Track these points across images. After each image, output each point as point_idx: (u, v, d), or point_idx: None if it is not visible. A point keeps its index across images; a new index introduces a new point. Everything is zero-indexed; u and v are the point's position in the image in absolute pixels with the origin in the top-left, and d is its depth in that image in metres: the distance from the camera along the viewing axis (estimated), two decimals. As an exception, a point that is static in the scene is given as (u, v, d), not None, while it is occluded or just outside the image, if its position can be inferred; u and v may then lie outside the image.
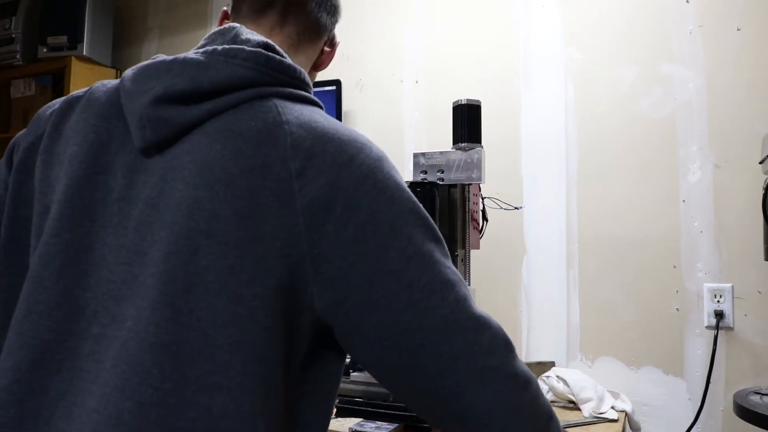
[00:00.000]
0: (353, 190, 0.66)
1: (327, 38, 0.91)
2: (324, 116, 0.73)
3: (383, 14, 2.25)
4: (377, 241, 0.65)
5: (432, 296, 0.67)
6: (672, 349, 1.75)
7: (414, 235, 0.69)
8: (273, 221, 0.63)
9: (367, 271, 0.65)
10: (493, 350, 0.71)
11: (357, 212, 0.65)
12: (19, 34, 2.66)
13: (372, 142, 0.75)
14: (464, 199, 1.44)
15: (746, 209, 1.67)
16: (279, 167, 0.64)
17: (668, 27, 1.81)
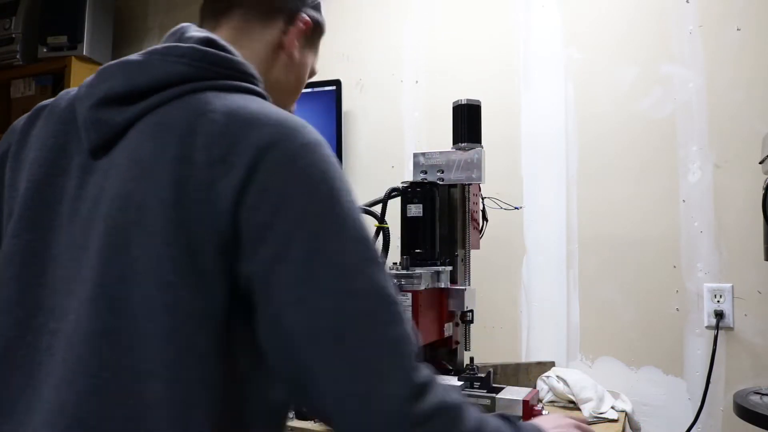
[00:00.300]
0: (270, 175, 0.66)
1: (286, 19, 0.90)
2: (259, 104, 0.72)
3: (383, 14, 2.25)
4: (285, 228, 0.64)
5: (326, 299, 0.64)
6: (672, 349, 1.75)
7: (325, 230, 0.66)
8: (197, 208, 0.65)
9: (271, 259, 0.64)
10: (401, 381, 0.66)
11: (269, 197, 0.65)
12: (19, 34, 2.66)
13: (306, 129, 0.71)
14: (464, 199, 1.44)
15: (746, 209, 1.67)
16: (202, 155, 0.66)
17: (668, 27, 1.81)
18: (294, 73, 0.94)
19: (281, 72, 0.91)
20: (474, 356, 1.30)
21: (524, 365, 1.82)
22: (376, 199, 1.39)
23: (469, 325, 1.42)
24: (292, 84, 0.94)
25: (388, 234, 1.35)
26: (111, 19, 2.69)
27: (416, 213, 1.36)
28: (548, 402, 1.67)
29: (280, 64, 0.91)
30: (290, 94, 0.96)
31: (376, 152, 2.22)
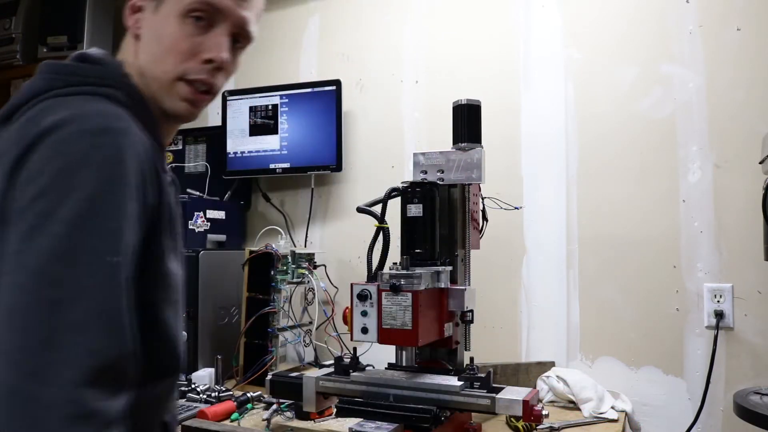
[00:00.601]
0: (39, 156, 0.70)
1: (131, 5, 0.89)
2: (76, 102, 0.77)
3: (383, 14, 2.25)
4: (30, 205, 0.68)
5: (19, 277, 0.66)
6: (672, 349, 1.75)
7: (55, 216, 0.67)
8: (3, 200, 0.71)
9: (16, 231, 0.68)
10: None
11: (30, 175, 0.70)
12: (19, 34, 2.66)
13: (89, 118, 0.73)
14: (464, 199, 1.43)
15: (746, 209, 1.67)
16: (15, 151, 0.72)
17: (668, 27, 1.81)
18: (155, 40, 0.86)
19: (142, 52, 0.87)
20: (474, 356, 1.30)
21: (524, 365, 1.82)
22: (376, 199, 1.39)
23: (469, 325, 1.42)
24: (161, 50, 0.86)
25: (388, 234, 1.34)
26: (111, 19, 2.69)
27: (416, 213, 1.35)
28: (548, 402, 1.67)
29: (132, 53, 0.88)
30: (166, 60, 0.86)
31: (376, 152, 2.22)
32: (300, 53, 2.39)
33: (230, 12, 0.87)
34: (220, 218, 2.24)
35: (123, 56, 0.88)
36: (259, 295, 1.86)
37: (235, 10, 0.87)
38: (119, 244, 0.70)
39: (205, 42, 0.86)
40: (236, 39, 0.90)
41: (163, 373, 0.83)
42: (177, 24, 0.85)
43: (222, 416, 1.51)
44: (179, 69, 0.85)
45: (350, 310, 1.26)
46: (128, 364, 0.70)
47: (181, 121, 0.95)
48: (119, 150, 0.72)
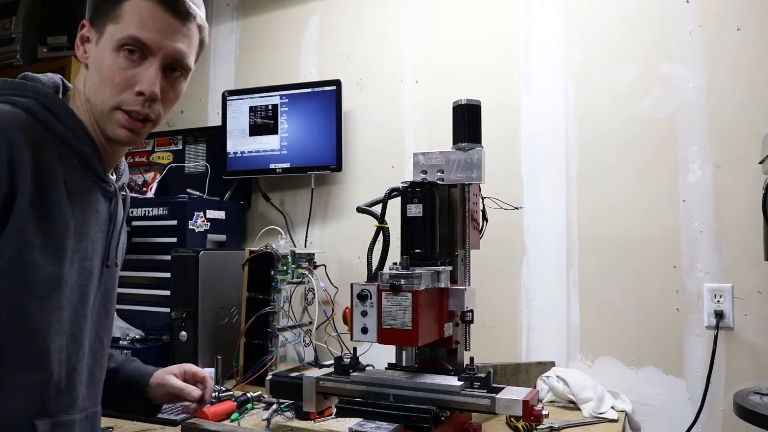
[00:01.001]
0: None
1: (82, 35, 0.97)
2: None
3: (383, 14, 2.25)
4: None
5: None
6: (672, 349, 1.75)
7: None
8: None
9: None
10: None
11: None
12: (19, 34, 2.66)
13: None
14: (464, 199, 1.43)
15: (746, 209, 1.67)
16: None
17: (668, 27, 1.81)
18: (95, 70, 0.93)
19: (87, 80, 0.94)
20: (474, 356, 1.30)
21: (524, 365, 1.82)
22: (376, 199, 1.39)
23: (469, 325, 1.42)
24: (96, 82, 0.92)
25: (388, 234, 1.34)
26: (111, 19, 2.68)
27: (416, 213, 1.35)
28: (548, 402, 1.67)
29: (84, 77, 0.95)
30: (99, 91, 0.92)
31: (376, 152, 2.22)
32: (300, 53, 2.39)
33: (159, 46, 0.92)
34: (220, 218, 2.24)
35: (76, 84, 0.96)
36: (259, 295, 1.86)
37: (164, 45, 0.92)
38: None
39: (138, 74, 0.91)
40: (173, 68, 0.95)
41: (20, 366, 0.85)
42: (112, 57, 0.91)
43: (222, 416, 1.51)
44: (115, 100, 0.92)
45: (350, 310, 1.26)
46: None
47: (123, 146, 1.00)
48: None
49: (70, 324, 0.91)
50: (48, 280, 0.86)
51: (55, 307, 0.88)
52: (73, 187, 0.91)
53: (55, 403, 0.90)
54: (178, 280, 1.92)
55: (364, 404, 1.25)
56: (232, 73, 2.54)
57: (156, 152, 2.60)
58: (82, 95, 0.95)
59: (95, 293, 0.97)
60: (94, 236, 0.96)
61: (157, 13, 0.91)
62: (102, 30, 0.92)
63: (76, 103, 0.96)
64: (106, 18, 0.92)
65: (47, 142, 0.88)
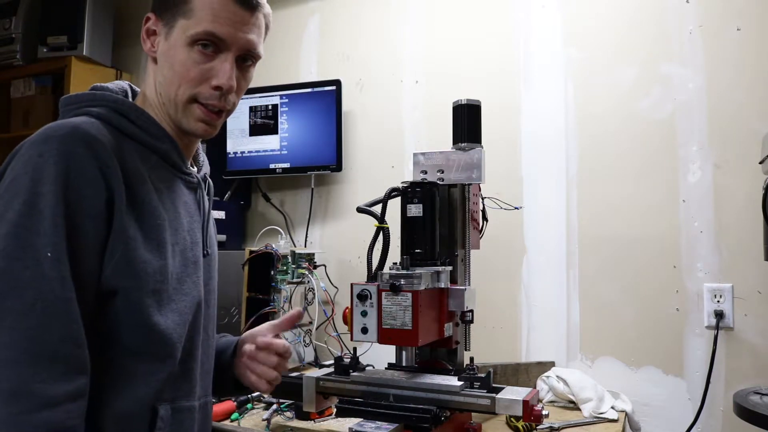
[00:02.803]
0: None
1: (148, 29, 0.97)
2: (56, 124, 0.85)
3: (383, 14, 2.25)
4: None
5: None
6: (672, 349, 1.75)
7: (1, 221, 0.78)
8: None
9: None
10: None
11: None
12: (19, 34, 2.66)
13: (43, 132, 0.83)
14: (464, 199, 1.43)
15: (746, 209, 1.67)
16: None
17: (668, 27, 1.81)
18: (167, 66, 0.93)
19: (158, 75, 0.95)
20: (474, 356, 1.30)
21: (524, 365, 1.82)
22: (376, 199, 1.39)
23: (469, 325, 1.42)
24: (168, 76, 0.93)
25: (388, 234, 1.34)
26: (111, 19, 2.69)
27: (416, 213, 1.35)
28: (548, 402, 1.67)
29: (153, 70, 0.96)
30: (172, 85, 0.93)
31: (376, 152, 2.22)
32: (300, 53, 2.39)
33: (233, 39, 0.92)
34: (220, 218, 2.24)
35: (146, 78, 0.98)
36: (259, 295, 1.86)
37: (238, 37, 0.93)
38: (55, 241, 0.78)
39: (213, 68, 0.92)
40: (244, 59, 0.97)
41: (139, 355, 0.87)
42: (186, 52, 0.91)
43: (222, 416, 1.51)
44: (191, 93, 0.93)
45: (350, 310, 1.26)
46: (71, 349, 0.77)
47: (199, 138, 1.01)
48: (53, 156, 0.80)
49: (182, 314, 0.93)
50: (156, 273, 0.88)
51: (166, 299, 0.90)
52: (158, 183, 0.93)
53: (175, 389, 0.93)
54: (178, 280, 1.92)
55: (364, 404, 1.25)
56: (232, 73, 2.54)
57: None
58: (153, 90, 0.96)
59: (200, 282, 0.99)
60: (189, 227, 0.98)
61: (229, 6, 0.91)
62: (172, 24, 0.92)
63: (147, 102, 0.97)
64: (176, 12, 0.92)
65: (126, 145, 0.90)
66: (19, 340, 0.73)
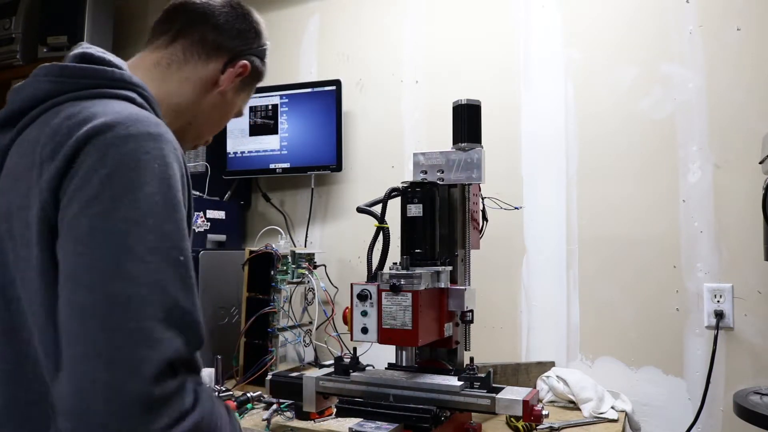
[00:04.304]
0: (86, 161, 0.71)
1: (228, 59, 1.00)
2: (107, 105, 0.77)
3: (383, 14, 2.25)
4: (80, 209, 0.69)
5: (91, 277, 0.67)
6: (672, 349, 1.75)
7: (114, 215, 0.68)
8: (36, 204, 0.72)
9: (62, 238, 0.70)
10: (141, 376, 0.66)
11: (78, 181, 0.70)
12: (19, 34, 2.66)
13: (136, 121, 0.74)
14: (464, 199, 1.44)
15: (746, 209, 1.67)
16: (39, 156, 0.74)
17: (668, 27, 1.81)
18: (220, 110, 1.02)
19: (209, 105, 0.99)
20: (474, 356, 1.30)
21: (524, 365, 1.82)
22: (376, 199, 1.39)
23: (469, 325, 1.42)
24: (216, 118, 1.02)
25: (388, 234, 1.34)
26: (111, 19, 2.69)
27: (416, 213, 1.35)
28: (548, 402, 1.67)
29: (210, 99, 0.99)
30: (211, 127, 1.04)
31: (376, 152, 2.22)
32: (300, 53, 2.39)
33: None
34: (220, 218, 2.24)
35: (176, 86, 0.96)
36: (259, 295, 1.86)
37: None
38: (182, 242, 0.72)
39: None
40: None
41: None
42: (227, 114, 1.05)
43: (222, 416, 1.50)
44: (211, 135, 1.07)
45: (350, 310, 1.26)
46: (198, 356, 0.74)
47: None
48: (165, 154, 0.74)
49: None
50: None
51: None
52: None
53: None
54: (178, 280, 1.92)
55: (364, 404, 1.25)
56: (232, 73, 2.54)
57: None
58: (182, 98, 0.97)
59: None
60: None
61: None
62: (243, 88, 1.05)
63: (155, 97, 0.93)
64: (250, 85, 1.08)
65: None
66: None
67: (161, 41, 0.97)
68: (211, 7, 0.99)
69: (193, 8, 0.98)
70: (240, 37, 1.01)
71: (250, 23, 1.04)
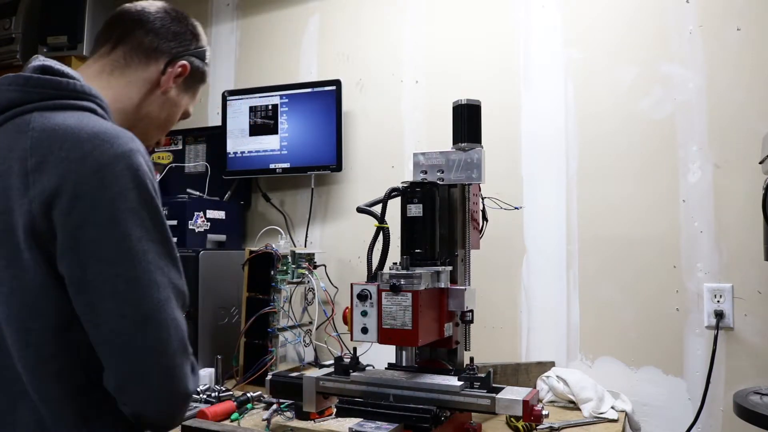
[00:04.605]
0: (81, 182, 0.79)
1: (167, 61, 1.05)
2: (80, 118, 0.85)
3: (383, 14, 2.25)
4: (94, 230, 0.79)
5: (136, 291, 0.80)
6: (672, 349, 1.75)
7: (132, 231, 0.80)
8: (17, 211, 0.79)
9: (82, 256, 0.79)
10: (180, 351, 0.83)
11: (81, 202, 0.78)
12: (19, 34, 2.65)
13: (119, 140, 0.83)
14: (464, 199, 1.43)
15: (746, 209, 1.67)
16: (19, 166, 0.80)
17: (668, 27, 1.81)
18: (166, 110, 1.08)
19: (154, 107, 1.05)
20: (474, 356, 1.30)
21: (524, 365, 1.82)
22: (376, 199, 1.39)
23: (469, 325, 1.42)
24: (162, 119, 1.08)
25: (388, 234, 1.34)
26: (111, 19, 2.68)
27: (416, 213, 1.35)
28: (548, 402, 1.67)
29: (154, 100, 1.05)
30: (159, 128, 1.09)
31: (376, 152, 2.22)
32: (300, 53, 2.39)
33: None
34: (220, 218, 2.24)
35: (121, 89, 1.02)
36: (259, 295, 1.86)
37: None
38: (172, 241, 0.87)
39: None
40: None
41: None
42: (176, 114, 1.11)
43: (222, 416, 1.51)
44: (162, 135, 1.12)
45: (350, 310, 1.26)
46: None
47: None
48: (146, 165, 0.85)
49: None
50: None
51: None
52: None
53: None
54: (178, 280, 1.92)
55: (364, 404, 1.25)
56: (232, 73, 2.54)
57: (156, 152, 2.60)
58: (132, 101, 1.02)
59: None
60: None
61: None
62: (188, 90, 1.11)
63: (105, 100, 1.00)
64: (194, 87, 1.13)
65: None
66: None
67: (103, 50, 1.04)
68: (146, 14, 1.05)
69: (129, 16, 1.06)
70: (176, 39, 1.06)
71: (186, 26, 1.09)
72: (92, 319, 0.80)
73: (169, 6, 1.09)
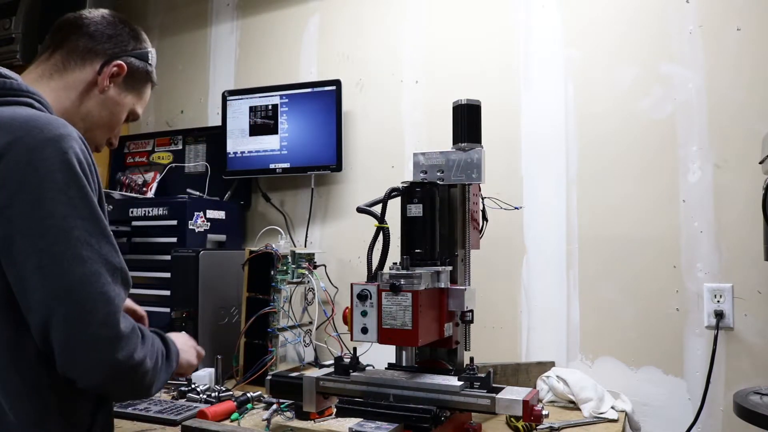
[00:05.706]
0: (11, 166, 0.86)
1: (104, 62, 1.10)
2: (15, 110, 0.92)
3: (383, 14, 2.25)
4: (22, 207, 0.85)
5: (60, 264, 0.85)
6: (672, 349, 1.75)
7: (57, 209, 0.86)
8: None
9: (10, 232, 0.85)
10: (108, 324, 0.87)
11: (10, 183, 0.85)
12: (19, 34, 2.65)
13: (54, 125, 0.90)
14: (464, 199, 1.43)
15: (746, 209, 1.67)
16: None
17: (668, 27, 1.81)
18: (108, 109, 1.11)
19: (93, 106, 1.09)
20: (474, 356, 1.30)
21: (524, 365, 1.82)
22: (376, 199, 1.39)
23: (469, 325, 1.42)
24: (105, 118, 1.11)
25: (388, 234, 1.34)
26: (111, 19, 2.68)
27: (416, 213, 1.35)
28: (548, 402, 1.67)
29: (92, 99, 1.09)
30: (103, 127, 1.12)
31: (376, 152, 2.22)
32: (300, 53, 2.39)
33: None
34: (220, 218, 2.24)
35: (60, 89, 1.07)
36: (259, 295, 1.86)
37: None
38: (105, 220, 0.92)
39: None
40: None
41: None
42: (121, 113, 1.14)
43: (222, 416, 1.51)
44: (108, 134, 1.16)
45: (350, 310, 1.26)
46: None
47: None
48: (76, 150, 0.90)
49: None
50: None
51: None
52: None
53: None
54: (178, 280, 1.92)
55: (364, 404, 1.25)
56: (232, 73, 2.54)
57: (156, 152, 2.60)
58: (71, 103, 1.07)
59: None
60: None
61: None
62: (131, 90, 1.14)
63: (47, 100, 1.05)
64: (139, 87, 1.16)
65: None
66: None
67: (43, 56, 1.10)
68: (83, 19, 1.14)
69: (67, 23, 1.14)
70: (111, 41, 1.12)
71: (123, 28, 1.16)
72: (20, 291, 0.86)
73: (109, 12, 1.17)
